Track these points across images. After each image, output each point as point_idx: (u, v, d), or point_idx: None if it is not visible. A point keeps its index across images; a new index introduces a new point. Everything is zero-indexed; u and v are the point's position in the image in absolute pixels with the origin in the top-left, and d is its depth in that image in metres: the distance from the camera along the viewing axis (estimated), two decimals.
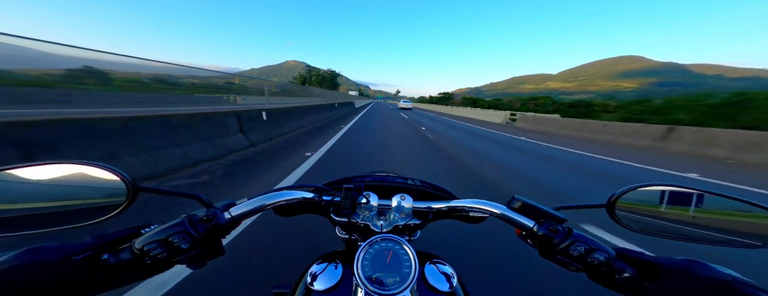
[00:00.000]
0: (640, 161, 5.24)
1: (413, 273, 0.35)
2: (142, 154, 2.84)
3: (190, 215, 0.36)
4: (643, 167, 4.68)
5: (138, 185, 0.33)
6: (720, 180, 3.90)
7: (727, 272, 0.29)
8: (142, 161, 2.79)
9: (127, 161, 2.65)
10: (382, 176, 0.64)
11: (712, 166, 4.99)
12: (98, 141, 2.52)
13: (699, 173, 4.30)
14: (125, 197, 0.32)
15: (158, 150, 3.03)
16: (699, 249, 1.77)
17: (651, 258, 0.34)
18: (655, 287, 0.32)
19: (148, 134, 2.99)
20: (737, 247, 0.35)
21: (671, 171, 4.45)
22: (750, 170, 4.73)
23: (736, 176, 4.20)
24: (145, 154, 2.87)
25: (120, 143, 2.68)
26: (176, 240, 0.33)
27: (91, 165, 0.31)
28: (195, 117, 3.77)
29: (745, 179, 4.02)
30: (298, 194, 0.46)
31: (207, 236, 0.35)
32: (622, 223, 0.40)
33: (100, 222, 0.31)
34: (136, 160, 2.75)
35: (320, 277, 0.39)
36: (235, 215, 0.39)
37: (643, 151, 6.69)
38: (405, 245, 0.39)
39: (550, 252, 0.38)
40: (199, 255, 0.35)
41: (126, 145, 2.73)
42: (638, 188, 0.38)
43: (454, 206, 0.46)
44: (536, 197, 0.41)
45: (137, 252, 0.31)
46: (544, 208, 0.41)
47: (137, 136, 2.87)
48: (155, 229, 0.33)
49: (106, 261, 0.30)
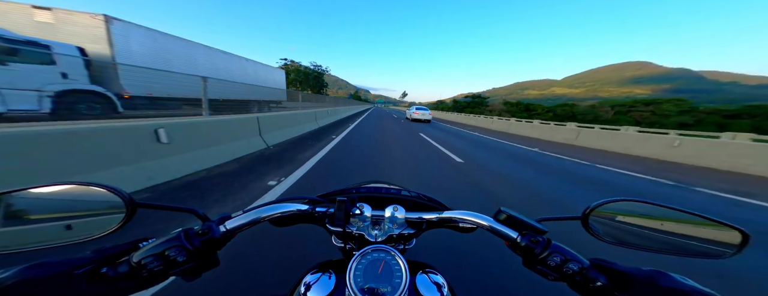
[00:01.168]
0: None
1: (404, 283, 0.36)
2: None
3: (186, 229, 0.38)
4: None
5: (136, 201, 0.35)
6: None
7: (687, 282, 0.31)
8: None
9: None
10: (376, 187, 0.65)
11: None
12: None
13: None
14: (124, 214, 0.34)
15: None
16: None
17: (622, 268, 0.35)
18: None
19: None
20: (702, 258, 0.38)
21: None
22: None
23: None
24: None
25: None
26: (172, 254, 0.34)
27: (91, 185, 0.34)
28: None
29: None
30: (292, 206, 0.47)
31: (202, 249, 0.37)
32: (595, 235, 0.42)
33: (101, 237, 0.34)
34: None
35: (314, 287, 0.39)
36: (230, 229, 0.41)
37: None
38: (396, 255, 0.40)
39: (532, 263, 0.40)
40: (195, 267, 0.37)
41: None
42: (611, 203, 0.41)
43: (445, 217, 0.48)
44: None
45: (134, 265, 0.33)
46: (526, 220, 0.43)
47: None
48: (152, 243, 0.35)
49: (105, 275, 0.32)
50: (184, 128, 3.19)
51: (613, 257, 0.38)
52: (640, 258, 1.66)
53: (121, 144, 2.43)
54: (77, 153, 2.09)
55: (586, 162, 5.89)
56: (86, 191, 0.34)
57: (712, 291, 0.29)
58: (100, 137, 2.26)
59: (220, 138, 3.82)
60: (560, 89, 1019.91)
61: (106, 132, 2.33)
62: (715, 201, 3.51)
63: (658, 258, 1.63)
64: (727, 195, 3.80)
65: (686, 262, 1.73)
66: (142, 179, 2.52)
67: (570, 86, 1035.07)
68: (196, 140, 3.37)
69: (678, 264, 1.72)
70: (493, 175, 4.09)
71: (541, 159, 6.02)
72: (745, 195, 3.82)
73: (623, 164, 5.95)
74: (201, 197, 2.49)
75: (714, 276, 1.71)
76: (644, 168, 5.52)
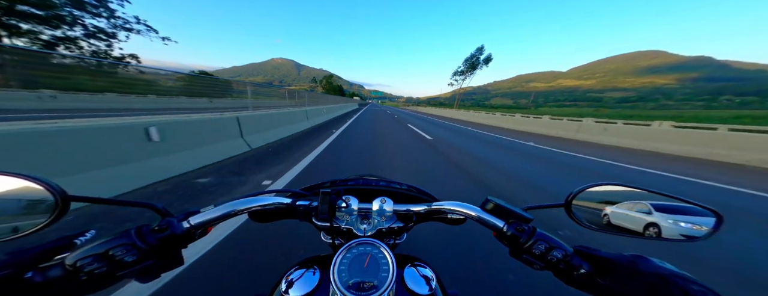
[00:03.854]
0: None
1: (390, 277, 0.35)
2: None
3: (140, 225, 0.34)
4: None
5: (68, 194, 0.30)
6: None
7: (665, 266, 0.31)
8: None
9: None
10: (364, 179, 0.63)
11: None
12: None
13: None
14: (52, 210, 0.29)
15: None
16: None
17: (604, 255, 0.35)
18: (606, 283, 0.34)
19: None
20: (679, 242, 0.39)
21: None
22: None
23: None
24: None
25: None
26: (119, 253, 0.30)
27: (8, 175, 0.28)
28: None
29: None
30: (271, 199, 0.44)
31: (160, 247, 0.33)
32: (577, 221, 0.42)
33: (20, 237, 0.28)
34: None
35: (296, 284, 0.38)
36: (194, 224, 0.37)
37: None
38: (383, 248, 0.39)
39: (518, 252, 0.39)
40: (151, 267, 0.33)
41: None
42: (592, 188, 0.42)
43: (434, 209, 0.47)
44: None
45: (70, 268, 0.29)
46: (513, 209, 0.43)
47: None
48: (91, 240, 0.31)
49: (29, 281, 0.27)
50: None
51: (598, 243, 0.32)
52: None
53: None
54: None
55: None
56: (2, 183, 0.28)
57: (686, 273, 0.30)
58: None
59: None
60: (568, 81, 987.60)
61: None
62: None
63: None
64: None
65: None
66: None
67: (578, 78, 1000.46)
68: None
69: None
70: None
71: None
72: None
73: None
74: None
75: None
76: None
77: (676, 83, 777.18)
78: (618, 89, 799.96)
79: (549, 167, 4.42)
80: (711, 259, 1.72)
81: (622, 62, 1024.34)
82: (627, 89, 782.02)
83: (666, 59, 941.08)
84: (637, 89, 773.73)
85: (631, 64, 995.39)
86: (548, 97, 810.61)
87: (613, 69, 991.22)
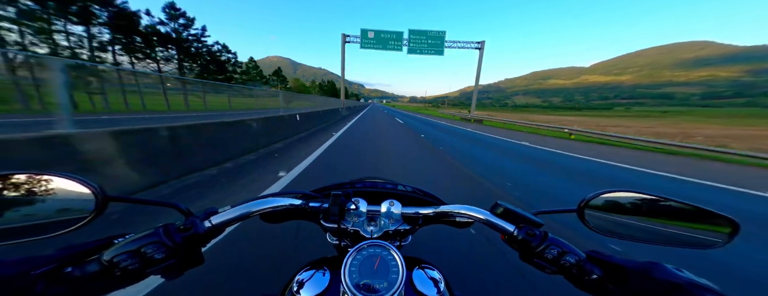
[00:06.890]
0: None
1: (400, 279, 0.35)
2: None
3: (167, 224, 0.36)
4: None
5: (108, 194, 0.32)
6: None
7: (682, 274, 0.30)
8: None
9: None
10: (372, 182, 0.64)
11: None
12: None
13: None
14: (93, 208, 0.31)
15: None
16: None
17: (617, 261, 0.35)
18: (619, 290, 0.33)
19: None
20: (696, 248, 0.38)
21: None
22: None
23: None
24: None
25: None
26: (149, 251, 0.32)
27: (52, 175, 0.31)
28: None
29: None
30: (284, 201, 0.45)
31: (184, 245, 0.34)
32: (591, 226, 0.42)
33: (65, 233, 0.30)
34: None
35: (307, 284, 0.38)
36: (215, 224, 0.39)
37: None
38: (392, 250, 0.39)
39: (529, 256, 0.39)
40: (176, 264, 0.34)
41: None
42: (605, 194, 0.41)
43: (442, 212, 0.48)
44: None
45: (106, 264, 0.30)
46: (523, 213, 0.43)
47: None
48: (127, 239, 0.32)
49: (69, 275, 0.29)
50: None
51: (611, 248, 0.29)
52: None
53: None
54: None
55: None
56: (50, 183, 0.31)
57: (707, 282, 0.28)
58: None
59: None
60: (594, 77, 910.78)
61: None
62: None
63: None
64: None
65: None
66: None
67: (606, 73, 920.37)
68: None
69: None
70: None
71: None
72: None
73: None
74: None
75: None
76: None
77: (742, 75, 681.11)
78: (673, 83, 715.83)
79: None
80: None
81: (657, 55, 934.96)
82: (690, 83, 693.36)
83: (715, 50, 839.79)
84: (708, 82, 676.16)
85: (672, 56, 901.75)
86: (584, 94, 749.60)
87: (649, 63, 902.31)
